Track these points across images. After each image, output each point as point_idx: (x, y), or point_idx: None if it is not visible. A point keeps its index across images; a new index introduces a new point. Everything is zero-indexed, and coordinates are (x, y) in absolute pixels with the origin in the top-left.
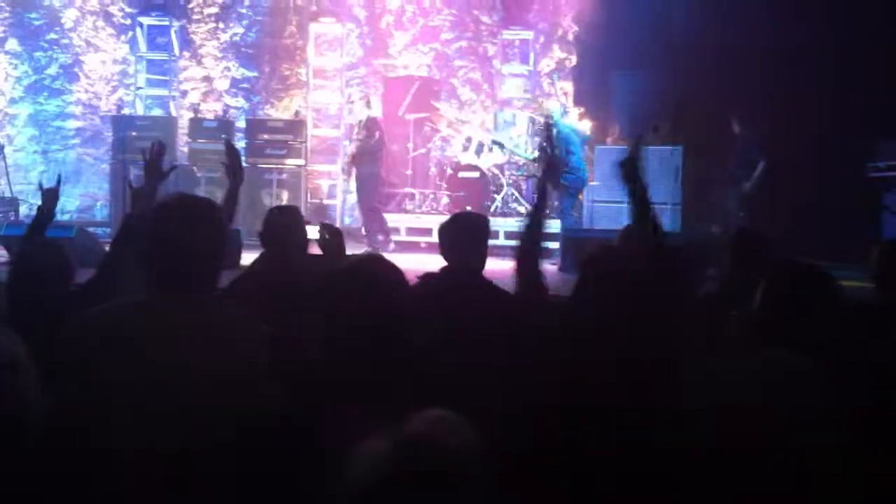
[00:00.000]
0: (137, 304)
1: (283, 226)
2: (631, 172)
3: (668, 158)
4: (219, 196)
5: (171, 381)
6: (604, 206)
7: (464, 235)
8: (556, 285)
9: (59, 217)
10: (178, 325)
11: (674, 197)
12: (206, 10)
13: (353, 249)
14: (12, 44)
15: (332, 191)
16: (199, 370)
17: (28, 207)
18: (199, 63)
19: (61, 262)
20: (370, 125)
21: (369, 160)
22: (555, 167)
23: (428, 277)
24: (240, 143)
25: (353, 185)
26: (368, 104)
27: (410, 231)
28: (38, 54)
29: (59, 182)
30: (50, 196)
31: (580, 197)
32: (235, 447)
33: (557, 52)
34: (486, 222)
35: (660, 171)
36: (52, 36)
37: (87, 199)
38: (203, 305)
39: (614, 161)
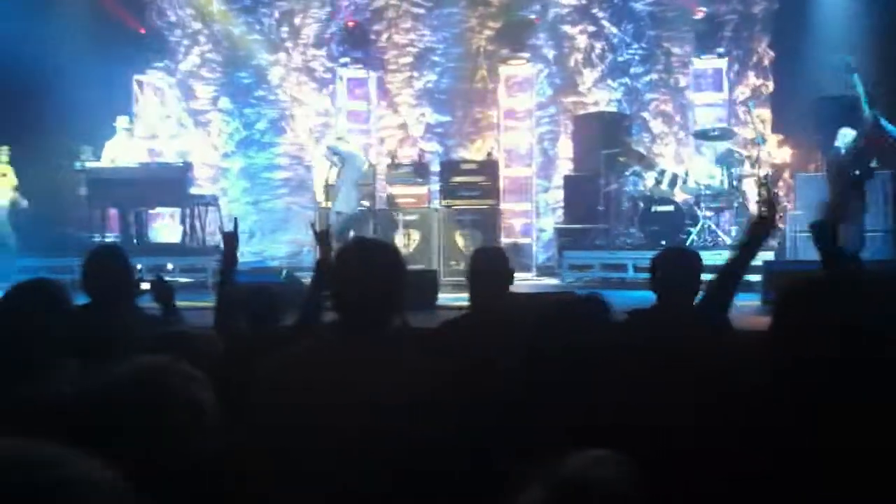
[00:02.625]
0: (322, 345)
1: (488, 266)
2: (823, 238)
3: (878, 183)
4: (416, 238)
5: (354, 417)
6: (808, 236)
7: (677, 269)
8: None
9: (269, 263)
10: (358, 365)
11: (885, 223)
12: (401, 61)
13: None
14: (224, 102)
15: (527, 229)
16: (377, 407)
17: (241, 255)
18: (395, 111)
19: (270, 304)
20: None
21: None
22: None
23: (638, 313)
24: (434, 186)
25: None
26: None
27: (604, 267)
28: (247, 111)
29: (235, 226)
30: (229, 240)
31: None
32: (415, 486)
33: (753, 80)
34: (698, 257)
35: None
36: (260, 93)
37: (294, 246)
38: (382, 346)
39: (809, 223)
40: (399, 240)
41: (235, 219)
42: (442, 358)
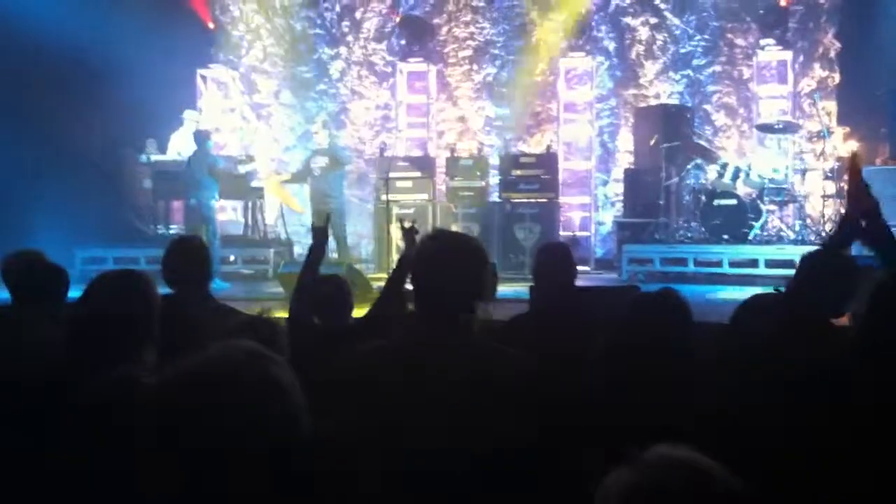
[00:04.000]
0: (404, 338)
1: (552, 261)
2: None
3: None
4: (475, 232)
5: (436, 411)
6: None
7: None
8: None
9: (330, 255)
10: (436, 361)
11: None
12: (461, 54)
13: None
14: (286, 96)
15: (585, 223)
16: (459, 400)
17: (301, 248)
18: (455, 104)
19: (342, 295)
20: None
21: None
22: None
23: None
24: (493, 179)
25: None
26: None
27: (664, 261)
28: (308, 104)
29: (327, 221)
30: (319, 234)
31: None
32: (485, 478)
33: (818, 71)
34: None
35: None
36: (321, 87)
37: (354, 238)
38: (461, 340)
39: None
40: (457, 230)
41: (328, 215)
42: (525, 351)
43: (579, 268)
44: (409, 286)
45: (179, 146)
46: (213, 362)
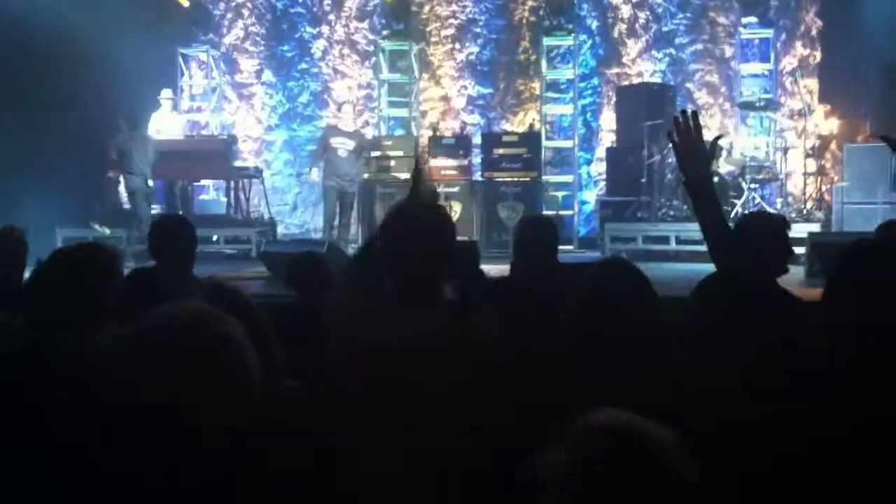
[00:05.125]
0: (379, 308)
1: (534, 237)
2: None
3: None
4: (457, 210)
5: (416, 378)
6: (856, 207)
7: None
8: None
9: (311, 235)
10: (416, 328)
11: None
12: (444, 32)
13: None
14: (268, 75)
15: (568, 201)
16: (436, 367)
17: (284, 227)
18: (438, 83)
19: (321, 273)
20: None
21: None
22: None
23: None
24: (476, 158)
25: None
26: None
27: (647, 240)
28: (290, 84)
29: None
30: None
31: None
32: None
33: (800, 50)
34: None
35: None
36: (303, 66)
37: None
38: (438, 309)
39: None
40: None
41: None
42: (501, 318)
43: (562, 247)
44: None
45: (159, 126)
46: (159, 319)
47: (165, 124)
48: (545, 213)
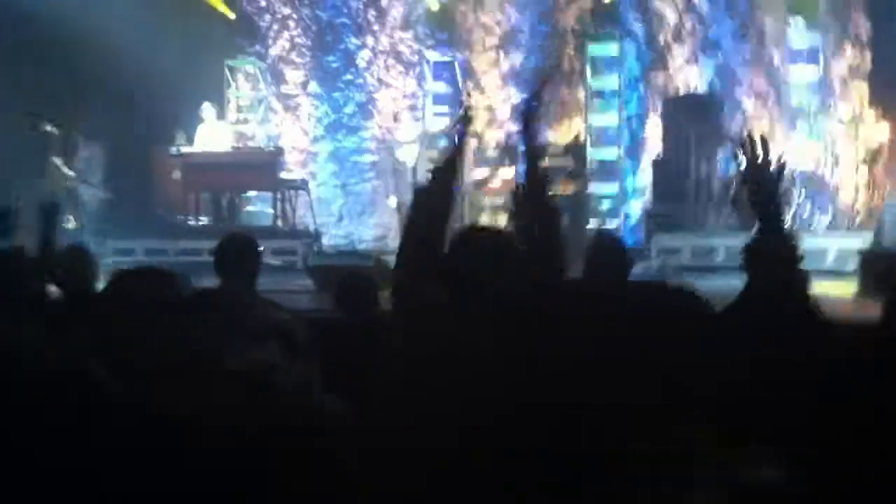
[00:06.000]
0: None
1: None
2: None
3: None
4: (502, 221)
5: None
6: None
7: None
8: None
9: (357, 246)
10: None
11: None
12: (487, 41)
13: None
14: (313, 86)
15: (613, 212)
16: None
17: (329, 238)
18: (482, 93)
19: (370, 293)
20: None
21: None
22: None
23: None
24: (521, 168)
25: None
26: None
27: (694, 251)
28: (335, 95)
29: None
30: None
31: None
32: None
33: (850, 54)
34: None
35: None
36: (348, 77)
37: (381, 229)
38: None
39: None
40: (485, 223)
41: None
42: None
43: None
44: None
45: (205, 138)
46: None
47: (212, 136)
48: (591, 223)
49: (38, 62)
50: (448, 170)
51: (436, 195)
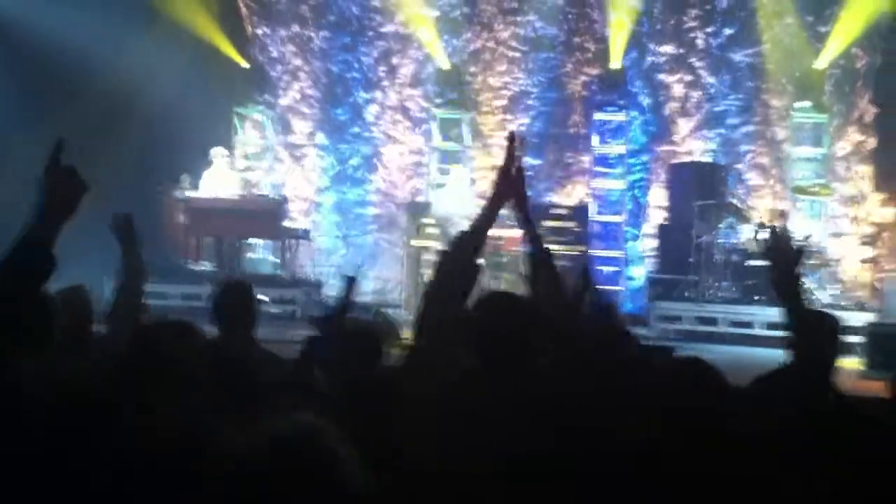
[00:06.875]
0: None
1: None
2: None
3: None
4: (508, 280)
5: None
6: None
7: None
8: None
9: (357, 298)
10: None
11: None
12: (495, 103)
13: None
14: (320, 137)
15: (615, 277)
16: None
17: (330, 289)
18: (488, 153)
19: (372, 344)
20: None
21: None
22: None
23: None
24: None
25: None
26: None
27: (695, 320)
28: (342, 147)
29: (357, 270)
30: (351, 285)
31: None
32: None
33: (854, 135)
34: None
35: None
36: (356, 129)
37: (381, 282)
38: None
39: None
40: (489, 281)
41: (360, 265)
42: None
43: None
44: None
45: (211, 184)
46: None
47: (220, 182)
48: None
49: (49, 107)
50: (476, 237)
51: (461, 262)
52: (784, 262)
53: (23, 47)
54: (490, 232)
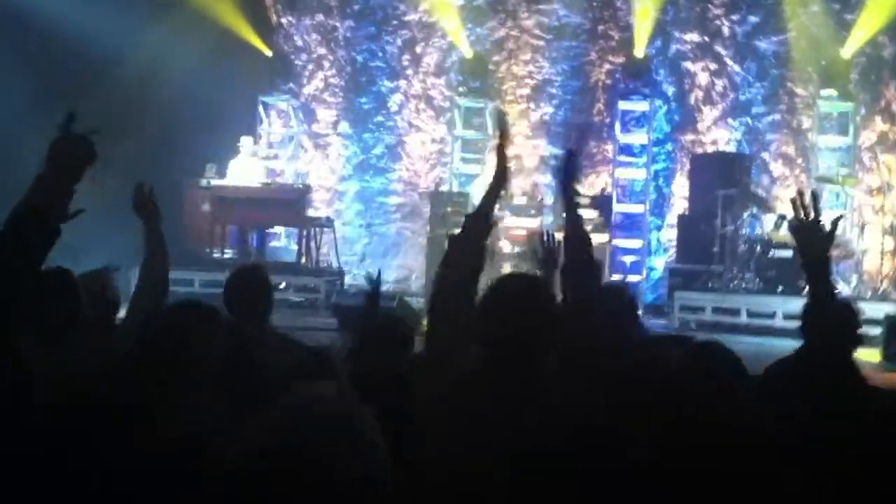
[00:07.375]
0: (471, 378)
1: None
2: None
3: None
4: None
5: (503, 446)
6: None
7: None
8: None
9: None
10: (507, 402)
11: None
12: (519, 92)
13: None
14: (344, 126)
15: (636, 266)
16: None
17: (352, 277)
18: (511, 142)
19: (404, 333)
20: None
21: None
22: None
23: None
24: (547, 218)
25: None
26: None
27: (716, 310)
28: (366, 136)
29: (379, 275)
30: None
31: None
32: None
33: (880, 125)
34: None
35: None
36: (379, 119)
37: (404, 271)
38: (532, 384)
39: None
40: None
41: (379, 271)
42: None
43: None
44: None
45: (238, 172)
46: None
47: (245, 170)
48: (613, 277)
49: (73, 96)
50: (483, 216)
51: (470, 245)
52: (817, 241)
53: (43, 38)
54: (510, 223)
